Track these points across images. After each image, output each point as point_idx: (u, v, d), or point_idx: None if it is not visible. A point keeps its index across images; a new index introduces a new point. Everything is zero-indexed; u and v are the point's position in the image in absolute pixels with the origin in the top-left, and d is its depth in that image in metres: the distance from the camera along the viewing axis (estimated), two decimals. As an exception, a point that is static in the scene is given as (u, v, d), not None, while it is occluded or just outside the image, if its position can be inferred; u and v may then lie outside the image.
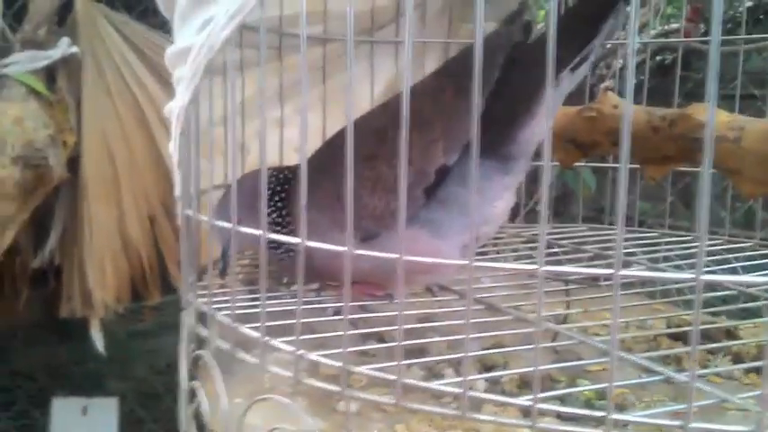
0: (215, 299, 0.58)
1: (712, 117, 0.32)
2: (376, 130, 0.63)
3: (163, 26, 1.46)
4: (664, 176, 0.72)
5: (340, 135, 0.70)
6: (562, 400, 0.56)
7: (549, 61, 0.38)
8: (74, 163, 1.36)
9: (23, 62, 1.33)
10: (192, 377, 0.63)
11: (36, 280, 1.45)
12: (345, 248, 0.45)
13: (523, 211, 1.06)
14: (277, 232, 0.65)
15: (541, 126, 0.64)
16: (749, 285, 0.68)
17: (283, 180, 0.68)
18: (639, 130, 0.69)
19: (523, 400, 0.43)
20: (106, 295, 1.40)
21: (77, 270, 1.40)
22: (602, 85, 1.70)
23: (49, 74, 1.36)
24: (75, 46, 1.34)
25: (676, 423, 0.40)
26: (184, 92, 0.51)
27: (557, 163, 0.84)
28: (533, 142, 0.64)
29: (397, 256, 0.43)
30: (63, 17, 1.39)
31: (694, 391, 0.41)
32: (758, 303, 0.74)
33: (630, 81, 0.39)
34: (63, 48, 1.34)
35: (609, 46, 1.33)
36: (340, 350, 0.48)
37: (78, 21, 1.38)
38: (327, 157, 0.65)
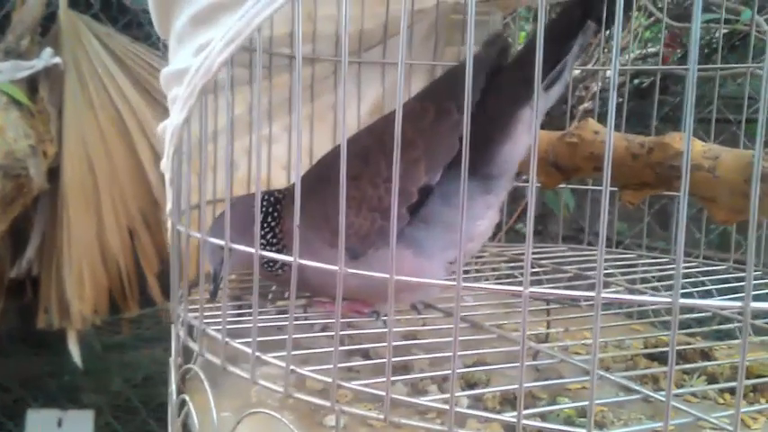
0: (204, 313, 0.59)
1: (687, 153, 0.34)
2: (360, 151, 0.65)
3: (147, 39, 1.47)
4: (641, 200, 0.74)
5: (327, 158, 0.72)
6: (543, 417, 0.58)
7: (538, 73, 0.40)
8: (54, 173, 1.35)
9: (5, 72, 1.33)
10: (179, 390, 0.63)
11: (13, 291, 1.44)
12: (337, 268, 0.46)
13: (504, 230, 1.08)
14: (270, 251, 0.66)
15: (519, 145, 0.66)
16: (723, 309, 0.70)
17: (274, 201, 0.69)
18: (618, 156, 0.71)
19: (508, 417, 0.45)
20: (84, 307, 1.39)
21: (55, 281, 1.39)
22: (581, 107, 1.73)
23: (31, 84, 1.35)
24: (58, 57, 1.34)
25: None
26: (180, 112, 0.53)
27: (538, 185, 0.86)
28: (513, 161, 0.66)
29: (387, 276, 0.44)
30: (46, 28, 1.40)
31: (670, 410, 0.43)
32: (732, 325, 0.77)
33: (612, 112, 0.41)
34: (46, 58, 1.34)
35: (589, 67, 1.37)
36: (328, 365, 0.49)
37: (62, 32, 1.38)
38: (315, 179, 0.67)
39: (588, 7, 0.61)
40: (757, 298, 0.82)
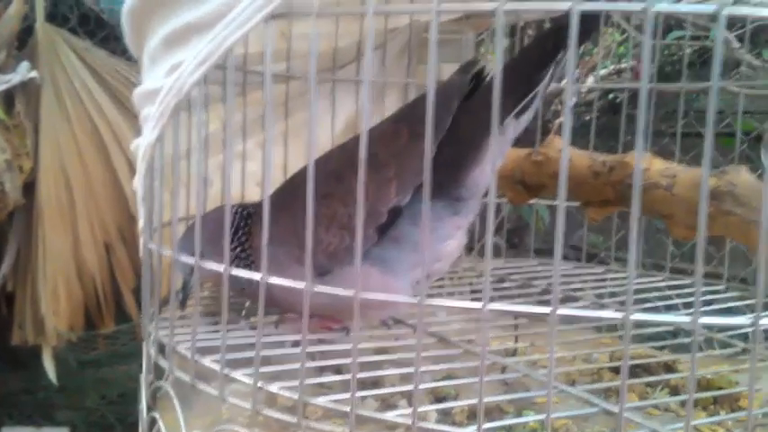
0: (175, 331, 0.59)
1: (639, 168, 0.36)
2: (333, 170, 0.66)
3: (124, 53, 1.47)
4: (606, 216, 0.76)
5: (299, 174, 0.73)
6: (509, 430, 0.59)
7: (495, 107, 0.41)
8: (29, 188, 1.35)
9: (-18, 86, 1.32)
10: (150, 408, 0.64)
11: (-14, 307, 1.43)
12: (304, 285, 0.47)
13: (478, 247, 1.09)
14: (239, 266, 0.66)
15: (488, 170, 0.67)
16: (674, 324, 0.71)
17: (246, 216, 0.70)
18: (581, 174, 0.73)
19: (470, 431, 0.46)
20: (59, 323, 1.39)
21: (30, 297, 1.38)
22: (557, 121, 1.76)
23: (8, 98, 1.35)
24: (35, 71, 1.34)
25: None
26: (151, 131, 0.53)
27: (503, 200, 0.88)
28: (482, 185, 0.67)
29: (352, 292, 0.45)
30: (23, 41, 1.39)
31: (629, 423, 0.44)
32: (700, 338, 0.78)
33: (567, 130, 0.42)
34: (22, 72, 1.34)
35: (561, 85, 1.39)
36: (298, 381, 0.50)
37: (39, 45, 1.38)
38: (287, 195, 0.68)
39: (561, 39, 0.61)
40: (729, 311, 0.85)
